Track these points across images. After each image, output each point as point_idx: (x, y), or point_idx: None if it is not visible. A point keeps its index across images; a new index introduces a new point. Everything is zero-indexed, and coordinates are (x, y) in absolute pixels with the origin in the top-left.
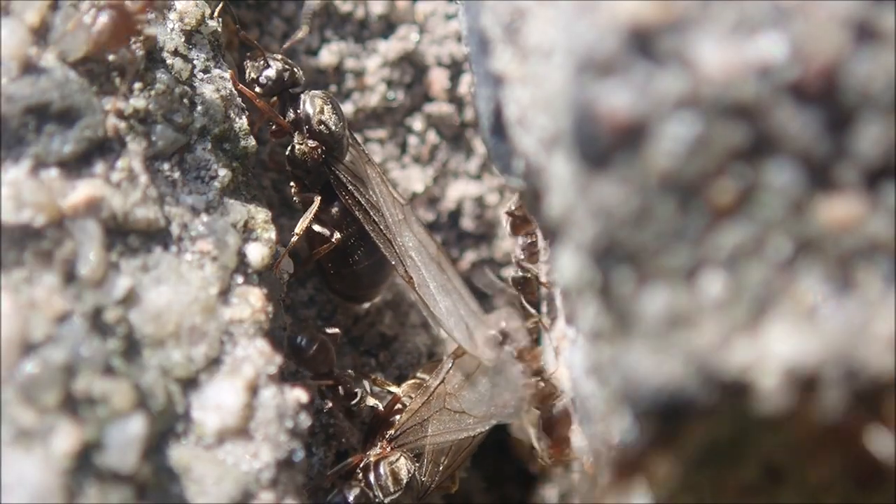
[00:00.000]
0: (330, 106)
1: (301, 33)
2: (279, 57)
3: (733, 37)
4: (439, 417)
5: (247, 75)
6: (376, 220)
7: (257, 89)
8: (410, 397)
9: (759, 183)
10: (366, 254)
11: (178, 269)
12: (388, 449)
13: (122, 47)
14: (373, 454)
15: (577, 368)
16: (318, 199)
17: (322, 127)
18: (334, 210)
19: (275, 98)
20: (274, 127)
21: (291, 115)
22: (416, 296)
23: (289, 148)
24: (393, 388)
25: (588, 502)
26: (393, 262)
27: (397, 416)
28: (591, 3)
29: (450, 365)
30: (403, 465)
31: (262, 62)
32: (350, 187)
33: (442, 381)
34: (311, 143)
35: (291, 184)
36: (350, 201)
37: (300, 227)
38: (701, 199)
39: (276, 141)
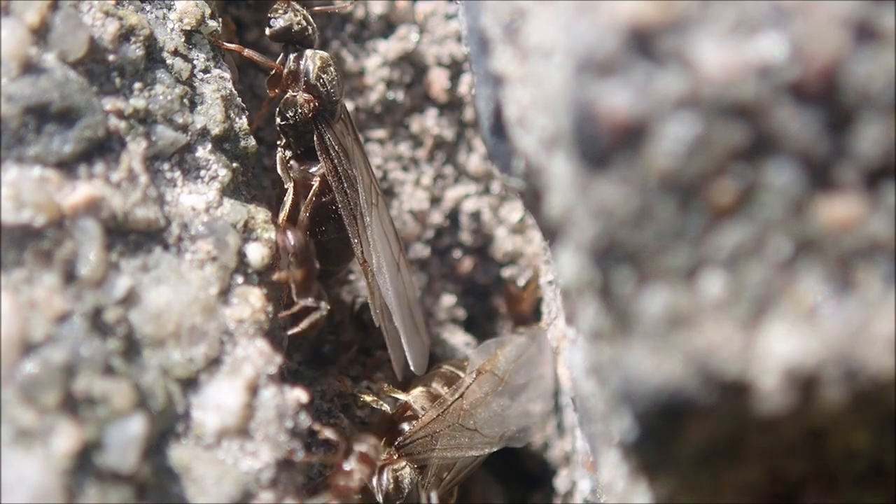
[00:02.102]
0: (332, 68)
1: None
2: (303, 13)
3: (733, 37)
4: (451, 433)
5: (268, 13)
6: (349, 192)
7: (267, 30)
8: (424, 408)
9: (759, 183)
10: (336, 228)
11: (178, 269)
12: (395, 456)
13: None
14: (379, 459)
15: (577, 368)
16: (291, 187)
17: (319, 83)
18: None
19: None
20: (272, 74)
21: (292, 65)
22: (367, 282)
23: (282, 99)
24: (401, 396)
25: None
26: (353, 241)
27: (405, 424)
28: (591, 2)
29: (471, 381)
30: (407, 475)
31: (284, 9)
32: (332, 153)
33: (461, 397)
34: (306, 95)
35: (279, 142)
36: (328, 167)
37: (281, 217)
38: (701, 199)
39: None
